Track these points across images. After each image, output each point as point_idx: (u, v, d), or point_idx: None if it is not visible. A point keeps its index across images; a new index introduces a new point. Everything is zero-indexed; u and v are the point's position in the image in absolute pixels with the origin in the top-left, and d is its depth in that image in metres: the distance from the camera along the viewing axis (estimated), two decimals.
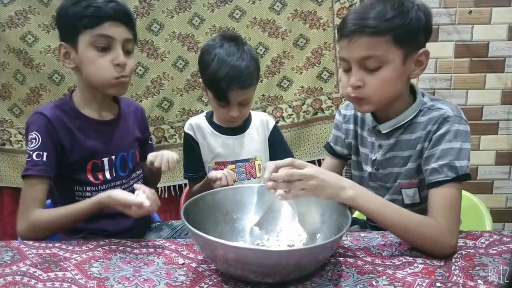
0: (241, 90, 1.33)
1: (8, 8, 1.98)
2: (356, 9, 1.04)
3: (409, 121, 1.08)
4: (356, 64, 1.02)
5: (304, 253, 0.84)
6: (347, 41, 1.01)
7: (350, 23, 1.00)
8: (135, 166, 1.30)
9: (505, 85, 2.19)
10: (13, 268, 0.90)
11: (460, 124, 1.02)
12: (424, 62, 1.04)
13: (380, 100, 1.05)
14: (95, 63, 1.14)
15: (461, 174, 0.99)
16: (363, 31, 0.98)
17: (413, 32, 1.00)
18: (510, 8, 2.12)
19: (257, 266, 0.80)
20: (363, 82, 1.02)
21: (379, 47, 0.98)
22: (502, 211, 2.31)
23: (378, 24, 0.97)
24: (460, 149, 1.00)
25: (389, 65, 1.00)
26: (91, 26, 1.12)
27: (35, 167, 1.12)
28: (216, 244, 0.81)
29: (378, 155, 1.14)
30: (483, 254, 0.95)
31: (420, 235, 0.94)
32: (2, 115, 2.11)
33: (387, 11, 0.98)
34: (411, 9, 0.99)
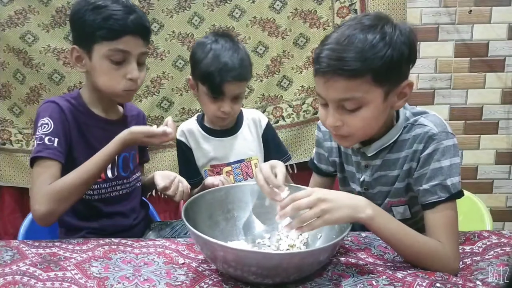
0: (236, 83, 1.33)
1: (7, 7, 1.97)
2: (332, 42, 0.92)
3: (394, 140, 1.03)
4: (333, 105, 0.95)
5: (305, 255, 0.83)
6: (322, 80, 0.92)
7: (325, 62, 0.90)
8: (135, 168, 1.31)
9: (505, 85, 2.19)
10: (13, 268, 0.90)
11: (447, 139, 0.97)
12: (408, 93, 0.96)
13: (363, 136, 1.00)
14: (109, 75, 1.14)
15: (454, 193, 0.95)
16: (340, 73, 0.89)
17: (395, 67, 0.91)
18: (510, 8, 2.12)
19: (257, 268, 0.80)
20: (342, 122, 0.95)
21: (358, 89, 0.90)
22: (502, 210, 2.31)
23: (356, 66, 0.88)
24: (449, 166, 0.95)
25: (369, 105, 0.93)
26: (109, 39, 1.11)
27: (47, 150, 1.08)
28: (216, 246, 0.81)
29: (366, 176, 1.10)
30: (480, 260, 0.95)
31: (429, 262, 0.90)
32: (2, 115, 2.10)
33: (366, 48, 0.88)
34: (393, 39, 0.89)
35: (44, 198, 1.04)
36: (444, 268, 0.89)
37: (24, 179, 2.14)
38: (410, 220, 1.10)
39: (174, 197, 1.23)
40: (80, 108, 1.20)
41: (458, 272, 0.92)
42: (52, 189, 1.05)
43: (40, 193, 1.05)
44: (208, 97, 1.36)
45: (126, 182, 1.26)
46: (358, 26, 0.91)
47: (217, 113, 1.37)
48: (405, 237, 0.90)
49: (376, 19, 0.92)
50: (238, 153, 1.47)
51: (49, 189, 1.05)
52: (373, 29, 0.90)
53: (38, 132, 1.11)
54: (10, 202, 2.16)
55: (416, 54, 0.96)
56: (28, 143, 2.12)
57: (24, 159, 2.12)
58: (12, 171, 2.14)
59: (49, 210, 1.04)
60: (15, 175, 2.14)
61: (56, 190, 1.05)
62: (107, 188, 1.22)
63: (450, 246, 0.92)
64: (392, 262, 0.94)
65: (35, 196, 1.06)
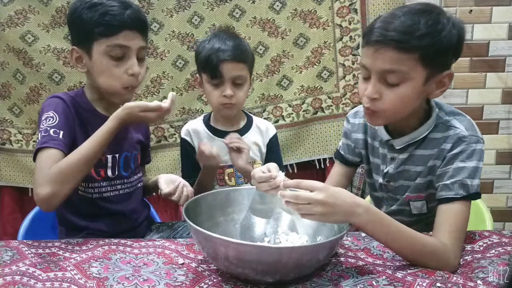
0: (233, 63, 1.35)
1: (7, 7, 1.97)
2: (386, 17, 0.96)
3: (423, 137, 1.05)
4: (376, 75, 0.97)
5: (305, 251, 0.83)
6: (372, 50, 0.95)
7: (378, 32, 0.94)
8: (136, 168, 1.30)
9: (505, 85, 2.19)
10: (13, 268, 0.89)
11: (476, 143, 0.99)
12: (447, 84, 0.99)
13: (393, 116, 1.02)
14: (109, 71, 1.14)
15: (472, 193, 0.97)
16: (391, 44, 0.92)
17: (442, 53, 0.94)
18: (511, 8, 2.12)
19: (257, 263, 0.80)
20: (379, 95, 0.98)
21: (404, 63, 0.93)
22: (503, 210, 2.30)
23: (408, 40, 0.91)
24: (474, 168, 0.98)
25: (410, 83, 0.95)
26: (107, 35, 1.11)
27: (52, 141, 1.07)
28: (216, 240, 0.81)
29: (390, 168, 1.12)
30: (481, 258, 0.95)
31: (426, 261, 0.90)
32: (2, 115, 2.10)
33: (420, 27, 0.91)
34: (445, 27, 0.93)
35: (47, 181, 1.02)
36: (442, 267, 0.90)
37: (24, 179, 2.13)
38: (425, 215, 1.12)
39: (179, 202, 1.23)
40: (83, 105, 1.20)
41: (458, 268, 0.92)
42: (54, 171, 1.03)
43: (43, 176, 1.03)
44: (210, 85, 1.39)
45: (126, 182, 1.26)
46: (413, 10, 0.94)
47: (220, 99, 1.38)
48: (402, 239, 0.91)
49: (431, 7, 0.96)
50: None
51: (51, 172, 1.03)
52: (427, 13, 0.93)
53: (43, 125, 1.10)
54: (10, 202, 2.16)
55: (462, 47, 0.98)
56: (28, 143, 2.12)
57: (24, 159, 2.12)
58: (12, 171, 2.14)
59: (52, 191, 1.02)
60: (15, 175, 2.14)
61: (58, 171, 1.03)
62: (107, 187, 1.22)
63: (452, 244, 0.92)
64: (392, 262, 0.94)
65: (37, 180, 1.04)
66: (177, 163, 2.14)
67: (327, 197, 0.87)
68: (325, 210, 0.86)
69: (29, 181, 2.13)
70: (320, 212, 0.86)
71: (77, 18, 1.13)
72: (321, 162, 2.13)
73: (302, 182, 0.90)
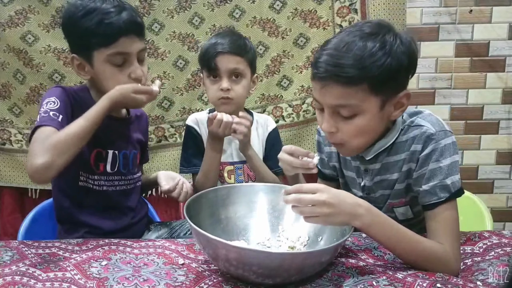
0: (229, 56, 1.35)
1: (8, 7, 1.97)
2: (330, 48, 0.92)
3: (391, 143, 1.03)
4: (328, 110, 0.95)
5: (307, 256, 0.83)
6: (319, 86, 0.93)
7: (322, 67, 0.90)
8: (135, 167, 1.31)
9: (505, 85, 2.19)
10: (13, 268, 0.89)
11: (446, 137, 0.96)
12: (405, 103, 0.96)
13: (358, 145, 0.99)
14: (114, 78, 1.14)
15: (454, 192, 0.95)
16: (336, 80, 0.89)
17: (393, 77, 0.90)
18: (511, 8, 2.12)
19: (258, 267, 0.79)
20: (336, 129, 0.95)
21: (354, 96, 0.90)
22: (503, 210, 2.30)
23: (353, 73, 0.88)
24: (449, 165, 0.95)
25: (365, 114, 0.93)
26: (106, 45, 1.11)
27: (51, 121, 1.06)
28: (218, 244, 0.81)
29: (366, 181, 1.09)
30: (481, 261, 0.95)
31: (427, 265, 0.89)
32: (2, 115, 2.10)
33: (365, 56, 0.87)
34: (392, 48, 0.89)
35: (44, 150, 0.99)
36: (445, 270, 0.89)
37: (24, 180, 2.13)
38: (413, 219, 1.10)
39: (178, 198, 1.24)
40: (86, 100, 1.19)
41: (459, 273, 0.91)
42: (48, 142, 1.01)
43: (39, 147, 1.01)
44: (209, 80, 1.39)
45: (124, 179, 1.26)
46: (358, 33, 0.90)
47: (217, 94, 1.38)
48: (404, 243, 0.90)
49: (378, 27, 0.92)
50: None
51: (45, 143, 1.00)
52: (373, 37, 0.89)
53: (43, 108, 1.09)
54: (10, 203, 2.16)
55: (416, 64, 0.95)
56: (28, 143, 2.12)
57: (24, 159, 2.12)
58: (12, 171, 2.14)
59: (46, 161, 0.98)
60: (15, 175, 2.14)
61: (55, 141, 1.01)
62: (105, 181, 1.22)
63: (451, 247, 0.91)
64: (393, 262, 0.94)
65: (32, 152, 1.01)
66: (177, 162, 2.13)
67: (330, 198, 0.86)
68: (329, 211, 0.85)
69: (29, 182, 2.13)
70: (324, 213, 0.86)
71: (73, 27, 1.13)
72: None
73: (304, 185, 0.89)
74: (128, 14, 1.13)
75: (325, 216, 0.86)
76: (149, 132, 2.08)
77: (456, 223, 0.95)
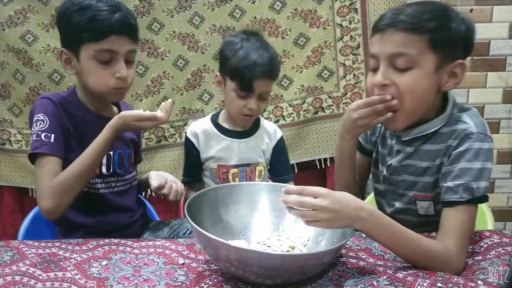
0: (266, 80, 1.35)
1: (7, 7, 1.97)
2: (394, 7, 1.00)
3: (433, 131, 1.03)
4: (385, 61, 0.96)
5: (308, 258, 0.83)
6: (380, 35, 0.96)
7: (387, 16, 0.96)
8: (130, 166, 1.31)
9: (506, 84, 2.19)
10: (13, 268, 0.89)
11: (483, 142, 0.96)
12: (459, 75, 0.97)
13: (411, 108, 0.98)
14: (97, 74, 1.14)
15: (477, 196, 0.94)
16: (399, 25, 0.93)
17: (451, 41, 0.94)
18: (511, 7, 2.12)
19: (259, 268, 0.79)
20: (390, 81, 0.96)
21: (413, 46, 0.93)
22: (504, 210, 2.30)
23: (416, 21, 0.93)
24: (480, 169, 0.94)
25: (420, 69, 0.94)
26: (95, 40, 1.11)
27: (44, 146, 1.10)
28: (218, 244, 0.81)
29: (394, 161, 1.09)
30: (482, 260, 0.95)
31: (430, 266, 0.89)
32: (1, 115, 2.10)
33: (427, 11, 0.94)
34: (453, 18, 0.95)
35: (48, 194, 1.08)
36: (447, 270, 0.88)
37: (24, 179, 2.13)
38: (433, 217, 1.09)
39: (168, 196, 1.24)
40: (75, 104, 1.21)
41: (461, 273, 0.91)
42: (54, 185, 1.08)
43: (43, 189, 1.08)
44: (236, 93, 1.37)
45: (121, 179, 1.26)
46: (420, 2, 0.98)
47: (243, 110, 1.38)
48: (405, 244, 0.89)
49: (440, 4, 1.00)
50: (248, 156, 1.46)
51: (51, 185, 1.08)
52: (437, 4, 0.97)
53: (34, 128, 1.13)
54: (10, 202, 2.15)
55: (472, 44, 0.99)
56: (27, 143, 2.12)
57: (23, 159, 2.12)
58: (12, 171, 2.14)
59: (54, 204, 1.07)
60: (15, 175, 2.13)
61: (57, 185, 1.08)
62: (102, 184, 1.23)
63: (456, 249, 0.91)
64: (393, 262, 0.94)
65: (39, 194, 1.09)
66: (177, 163, 2.14)
67: (332, 203, 0.85)
68: (330, 216, 0.85)
69: (29, 181, 2.13)
70: (326, 219, 0.86)
71: (66, 21, 1.13)
72: (322, 162, 2.13)
73: (306, 188, 0.88)
74: (122, 15, 1.13)
75: (325, 221, 0.86)
76: (149, 132, 2.08)
77: (469, 226, 0.94)
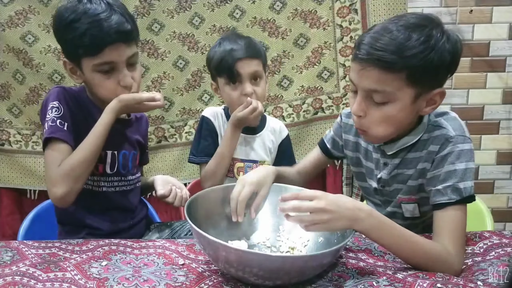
0: (247, 60, 1.35)
1: (8, 7, 1.97)
2: (377, 30, 0.92)
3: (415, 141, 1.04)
4: (362, 93, 0.95)
5: (308, 259, 0.83)
6: (358, 67, 0.93)
7: (365, 49, 0.91)
8: (135, 168, 1.30)
9: (506, 85, 2.19)
10: (13, 268, 0.89)
11: (464, 143, 0.97)
12: (438, 102, 0.96)
13: (382, 135, 0.99)
14: (103, 86, 1.14)
15: (466, 196, 0.95)
16: (377, 64, 0.89)
17: (432, 72, 0.90)
18: (511, 7, 2.12)
19: (259, 269, 0.79)
20: (364, 113, 0.96)
21: (390, 83, 0.91)
22: (503, 211, 2.30)
23: (394, 60, 0.88)
24: (464, 170, 0.96)
25: (396, 103, 0.93)
26: (91, 55, 1.10)
27: (59, 132, 1.10)
28: (218, 246, 0.81)
29: (383, 174, 1.10)
30: (481, 261, 0.95)
31: (429, 267, 0.89)
32: (1, 115, 2.10)
33: (409, 45, 0.87)
34: (437, 43, 0.88)
35: (59, 180, 1.07)
36: (446, 271, 0.88)
37: (23, 180, 2.13)
38: (419, 219, 1.11)
39: (173, 204, 1.25)
40: (85, 100, 1.20)
41: (460, 274, 0.91)
42: (64, 169, 1.07)
43: (54, 175, 1.07)
44: (228, 86, 1.38)
45: (124, 179, 1.26)
46: (404, 23, 0.90)
47: (241, 99, 1.37)
48: (405, 245, 0.90)
49: (426, 20, 0.91)
50: (255, 153, 1.46)
51: (61, 170, 1.07)
52: (420, 29, 0.89)
53: (49, 115, 1.12)
54: (9, 203, 2.15)
55: (457, 64, 0.94)
56: (27, 143, 2.12)
57: (23, 160, 2.12)
58: (11, 172, 2.14)
59: (66, 190, 1.07)
60: (14, 176, 2.14)
61: (68, 169, 1.07)
62: (105, 182, 1.22)
63: (454, 249, 0.91)
64: (393, 263, 0.94)
65: (50, 180, 1.08)
66: (177, 163, 2.14)
67: (329, 204, 0.86)
68: (329, 217, 0.85)
69: (28, 183, 2.13)
70: (324, 220, 0.86)
71: (60, 36, 1.13)
72: None
73: (301, 192, 0.89)
74: (115, 21, 1.08)
75: (324, 223, 0.86)
76: (149, 133, 2.08)
77: (462, 225, 0.95)
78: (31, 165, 2.12)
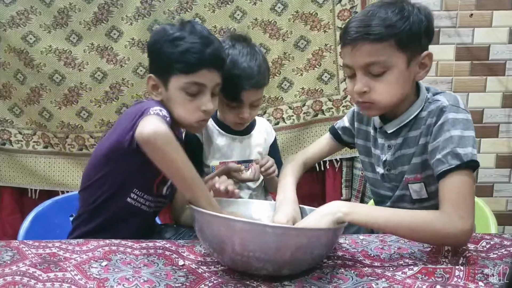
0: (255, 90, 1.33)
1: (9, 8, 1.97)
2: (357, 16, 1.05)
3: (413, 118, 1.09)
4: (360, 71, 1.03)
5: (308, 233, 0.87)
6: (350, 48, 1.02)
7: (353, 30, 1.01)
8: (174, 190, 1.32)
9: (505, 88, 2.19)
10: (13, 268, 0.90)
11: (457, 112, 1.02)
12: (428, 64, 1.05)
13: (387, 104, 1.06)
14: (184, 106, 1.15)
15: (466, 161, 0.96)
16: (366, 38, 0.99)
17: (415, 36, 1.01)
18: (511, 11, 2.12)
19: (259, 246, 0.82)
20: (368, 88, 1.03)
21: (383, 52, 1.00)
22: (503, 214, 2.31)
23: (381, 30, 0.98)
24: (460, 137, 0.98)
25: (394, 70, 1.01)
26: (185, 72, 1.12)
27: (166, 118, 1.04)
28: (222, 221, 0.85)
29: (388, 156, 1.14)
30: (485, 258, 0.95)
31: (428, 231, 0.92)
32: (2, 115, 2.10)
33: (389, 16, 0.99)
34: (412, 13, 1.01)
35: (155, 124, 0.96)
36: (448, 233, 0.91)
37: (24, 180, 2.13)
38: (428, 201, 1.12)
39: None
40: None
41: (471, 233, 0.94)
42: None
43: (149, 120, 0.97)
44: (226, 105, 1.36)
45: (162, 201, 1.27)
46: (379, 4, 1.03)
47: (235, 120, 1.37)
48: (393, 218, 0.95)
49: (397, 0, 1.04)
50: (248, 153, 1.47)
51: None
52: (392, 5, 1.02)
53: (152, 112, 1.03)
54: (10, 203, 2.15)
55: (433, 30, 1.05)
56: (28, 143, 2.12)
57: (24, 159, 2.12)
58: (12, 171, 2.14)
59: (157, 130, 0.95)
60: (15, 176, 2.14)
61: None
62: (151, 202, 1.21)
63: (454, 210, 0.93)
64: (389, 261, 0.95)
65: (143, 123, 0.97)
66: None
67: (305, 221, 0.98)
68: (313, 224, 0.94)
69: (29, 182, 2.13)
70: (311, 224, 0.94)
71: (158, 49, 1.14)
72: (321, 164, 2.13)
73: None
74: (214, 48, 1.14)
75: None
76: None
77: (465, 190, 0.96)
78: (32, 164, 2.12)
